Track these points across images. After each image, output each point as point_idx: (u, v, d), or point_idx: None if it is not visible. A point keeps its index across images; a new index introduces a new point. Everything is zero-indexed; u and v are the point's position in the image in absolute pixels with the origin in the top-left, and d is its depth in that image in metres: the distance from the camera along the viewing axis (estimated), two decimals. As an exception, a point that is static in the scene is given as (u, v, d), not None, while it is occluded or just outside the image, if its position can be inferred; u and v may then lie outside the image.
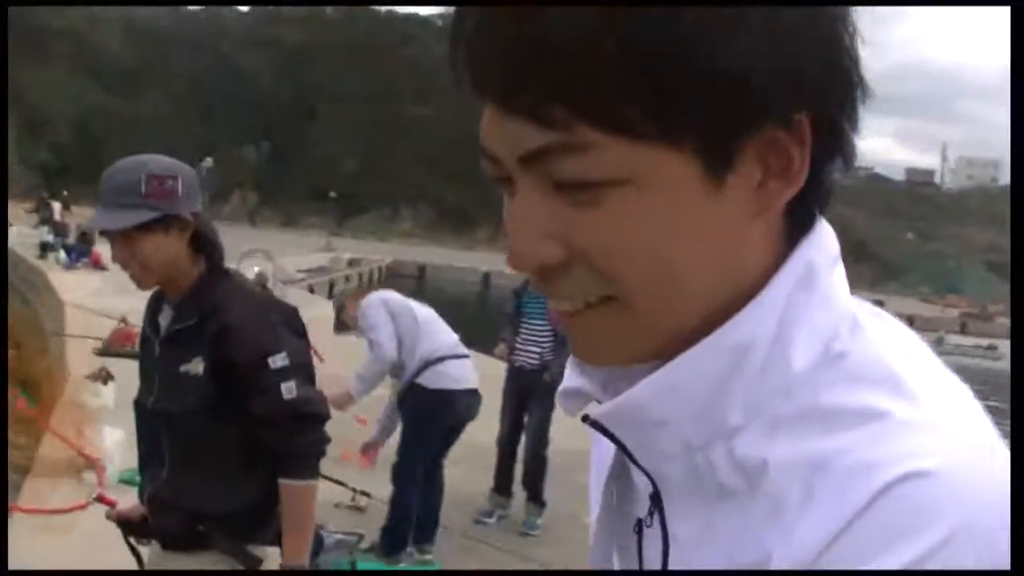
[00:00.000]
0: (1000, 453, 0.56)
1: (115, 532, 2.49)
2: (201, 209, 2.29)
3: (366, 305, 5.11)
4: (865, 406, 0.57)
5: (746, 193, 0.59)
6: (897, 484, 0.52)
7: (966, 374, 0.64)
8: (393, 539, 4.94)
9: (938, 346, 41.13)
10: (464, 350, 5.14)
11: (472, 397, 5.02)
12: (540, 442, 5.67)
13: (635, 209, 0.57)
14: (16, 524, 4.86)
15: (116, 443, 5.70)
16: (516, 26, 0.55)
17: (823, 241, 0.63)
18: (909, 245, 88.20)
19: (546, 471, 5.73)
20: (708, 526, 0.61)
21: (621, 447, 0.64)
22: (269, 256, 16.68)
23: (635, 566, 0.69)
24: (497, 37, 0.56)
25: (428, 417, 4.95)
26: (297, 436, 2.25)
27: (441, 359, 4.94)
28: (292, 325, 2.34)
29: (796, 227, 0.62)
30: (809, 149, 0.58)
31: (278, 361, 2.22)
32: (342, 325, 5.39)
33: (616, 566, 0.72)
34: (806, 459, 0.56)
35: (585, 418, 0.65)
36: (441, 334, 5.10)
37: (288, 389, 2.22)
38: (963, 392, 0.60)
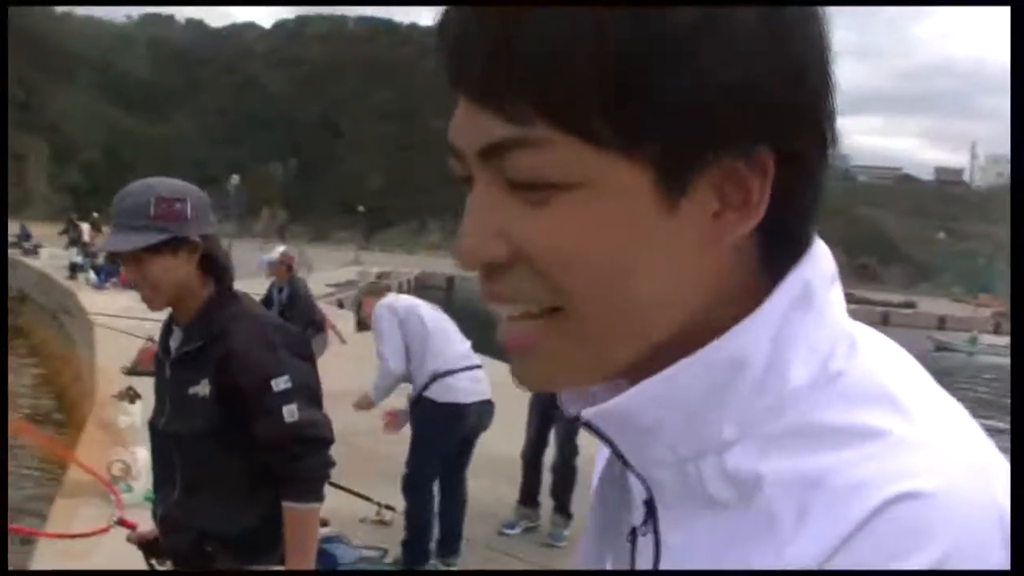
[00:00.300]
0: (997, 473, 0.56)
1: (137, 555, 2.52)
2: (212, 230, 2.33)
3: (376, 312, 5.11)
4: (862, 424, 0.57)
5: (701, 220, 0.58)
6: (892, 504, 0.52)
7: (1000, 373, 0.60)
8: (414, 552, 4.94)
9: (972, 346, 40.82)
10: (475, 360, 5.10)
11: (482, 408, 4.98)
12: (569, 451, 5.62)
13: (583, 214, 0.57)
14: (41, 548, 4.94)
15: (144, 462, 5.76)
16: (493, 22, 0.56)
17: (819, 260, 0.63)
18: (940, 245, 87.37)
19: (575, 481, 5.68)
20: (698, 536, 0.61)
21: (614, 449, 0.64)
22: (307, 263, 16.74)
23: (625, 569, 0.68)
24: (474, 31, 0.57)
25: (437, 430, 4.94)
26: (299, 459, 2.26)
27: (450, 372, 4.92)
28: (296, 348, 2.36)
29: (780, 249, 0.61)
30: (770, 182, 0.57)
31: (280, 384, 2.23)
32: (361, 324, 5.44)
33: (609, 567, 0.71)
34: (801, 476, 0.56)
35: (577, 419, 0.64)
36: (451, 343, 5.06)
37: (290, 412, 2.23)
38: (959, 412, 0.60)
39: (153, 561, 2.48)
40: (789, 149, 0.58)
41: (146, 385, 7.60)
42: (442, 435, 4.95)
